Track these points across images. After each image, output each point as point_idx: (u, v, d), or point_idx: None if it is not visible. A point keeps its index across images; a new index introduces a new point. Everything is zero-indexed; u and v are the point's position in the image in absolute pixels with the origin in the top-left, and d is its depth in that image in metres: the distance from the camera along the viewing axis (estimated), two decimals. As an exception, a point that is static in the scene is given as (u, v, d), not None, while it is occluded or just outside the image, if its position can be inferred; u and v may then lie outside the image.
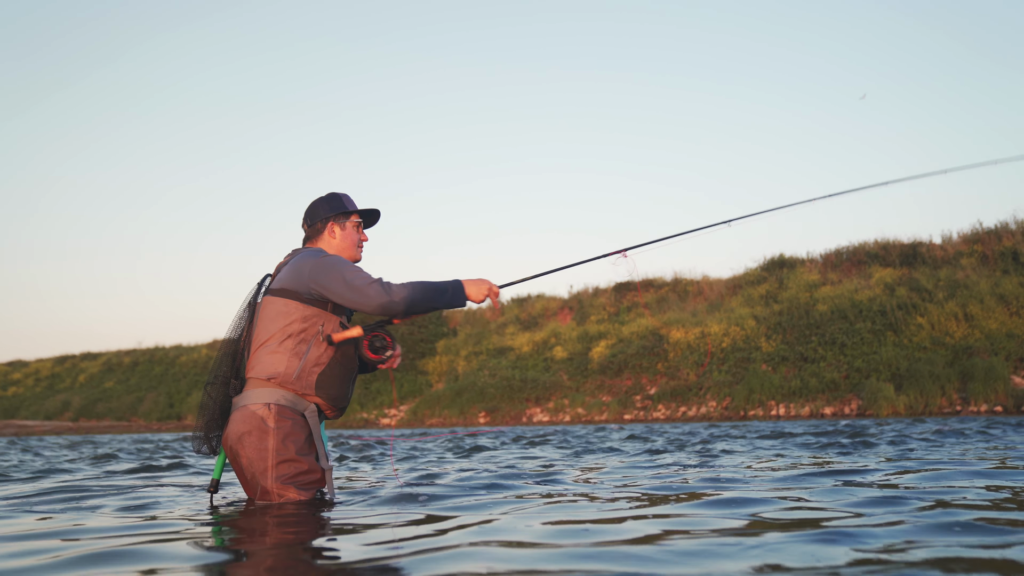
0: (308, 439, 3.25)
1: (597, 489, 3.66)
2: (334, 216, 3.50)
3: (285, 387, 3.23)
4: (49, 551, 2.36)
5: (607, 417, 23.41)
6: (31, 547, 2.45)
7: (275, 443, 3.17)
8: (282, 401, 3.21)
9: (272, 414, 3.19)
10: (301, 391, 3.24)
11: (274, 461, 3.16)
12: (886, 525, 2.40)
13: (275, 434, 3.17)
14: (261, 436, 3.17)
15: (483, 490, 3.73)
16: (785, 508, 2.85)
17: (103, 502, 3.71)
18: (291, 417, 3.21)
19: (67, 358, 42.21)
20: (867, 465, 4.58)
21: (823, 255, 27.82)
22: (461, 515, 2.89)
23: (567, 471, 4.77)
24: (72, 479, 5.21)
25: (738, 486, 3.58)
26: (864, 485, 3.49)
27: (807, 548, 2.07)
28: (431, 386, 28.67)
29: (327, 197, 3.55)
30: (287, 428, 3.18)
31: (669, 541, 2.24)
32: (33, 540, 2.60)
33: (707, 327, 25.07)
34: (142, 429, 28.55)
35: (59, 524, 2.97)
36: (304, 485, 3.20)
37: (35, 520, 3.13)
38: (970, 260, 24.05)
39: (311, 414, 3.27)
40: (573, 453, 6.84)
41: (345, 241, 3.51)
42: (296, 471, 3.18)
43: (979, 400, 18.85)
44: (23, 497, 4.01)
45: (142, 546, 2.39)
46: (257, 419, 3.19)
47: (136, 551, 2.31)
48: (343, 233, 3.50)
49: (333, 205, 3.51)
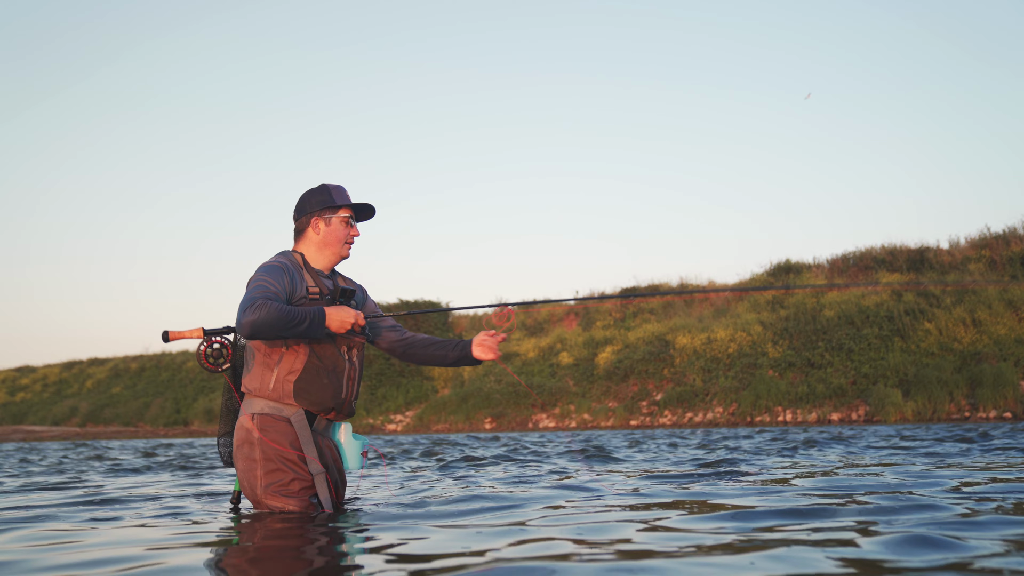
0: (295, 445, 3.19)
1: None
2: (319, 211, 3.38)
3: (265, 397, 3.21)
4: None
5: (613, 423, 23.36)
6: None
7: (260, 454, 3.16)
8: (265, 410, 3.20)
9: (255, 425, 3.18)
10: (281, 400, 3.21)
11: (261, 471, 3.16)
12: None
13: (260, 445, 3.16)
14: (249, 448, 3.18)
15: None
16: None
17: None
18: (274, 425, 3.18)
19: (75, 364, 42.30)
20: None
21: (830, 260, 27.73)
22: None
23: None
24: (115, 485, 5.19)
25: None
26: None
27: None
28: (436, 392, 28.64)
29: (316, 189, 3.43)
30: (271, 437, 3.16)
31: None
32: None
33: (713, 333, 25.01)
34: (149, 435, 28.60)
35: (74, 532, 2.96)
36: (292, 494, 3.16)
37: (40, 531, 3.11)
38: (978, 265, 23.94)
39: (298, 418, 3.21)
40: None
41: (329, 237, 3.37)
42: (281, 480, 3.15)
43: (988, 406, 18.74)
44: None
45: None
46: (244, 431, 3.21)
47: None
48: (327, 229, 3.37)
49: (320, 199, 3.39)
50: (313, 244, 3.39)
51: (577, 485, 4.21)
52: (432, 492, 4.14)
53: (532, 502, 3.48)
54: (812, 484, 3.92)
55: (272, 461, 3.15)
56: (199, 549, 2.52)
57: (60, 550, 2.56)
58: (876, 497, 3.24)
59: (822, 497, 3.33)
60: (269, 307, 3.02)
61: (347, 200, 3.40)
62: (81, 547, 2.62)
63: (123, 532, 2.97)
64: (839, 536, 2.37)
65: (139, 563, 2.27)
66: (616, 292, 30.73)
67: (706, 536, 2.45)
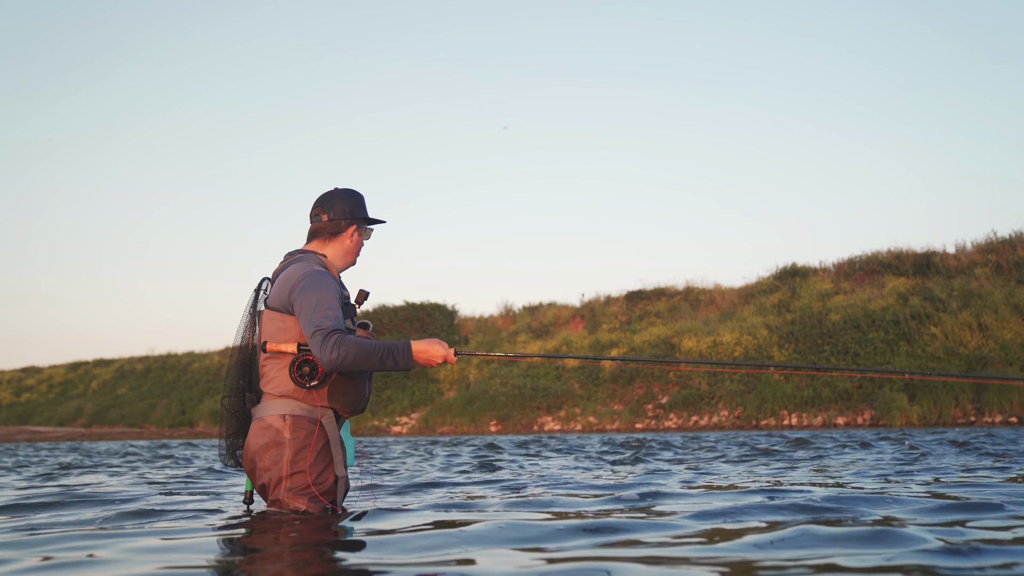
0: (325, 448, 3.22)
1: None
2: (357, 219, 3.41)
3: (298, 399, 3.22)
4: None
5: (618, 426, 23.37)
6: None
7: (290, 455, 3.16)
8: (297, 411, 3.20)
9: (287, 425, 3.18)
10: (314, 402, 3.22)
11: (288, 472, 3.16)
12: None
13: (291, 445, 3.16)
14: (278, 448, 3.18)
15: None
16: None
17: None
18: (307, 427, 3.19)
19: (80, 364, 42.40)
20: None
21: (836, 264, 27.72)
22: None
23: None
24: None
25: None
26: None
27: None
28: (442, 394, 28.66)
29: (353, 195, 3.44)
30: (302, 439, 3.17)
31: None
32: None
33: (719, 336, 25.02)
34: (154, 436, 28.65)
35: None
36: (315, 497, 3.18)
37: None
38: (984, 270, 23.91)
39: (328, 421, 3.24)
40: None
41: (356, 247, 3.43)
42: (307, 483, 3.17)
43: (993, 411, 18.72)
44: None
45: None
46: (273, 431, 3.19)
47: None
48: (358, 240, 3.43)
49: (361, 207, 3.43)
50: (341, 250, 3.39)
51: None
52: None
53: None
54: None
55: (302, 464, 3.17)
56: (209, 548, 2.54)
57: (67, 551, 2.59)
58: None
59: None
60: (348, 344, 3.03)
61: (369, 213, 3.48)
62: (90, 547, 2.64)
63: (127, 531, 3.00)
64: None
65: (147, 563, 2.29)
66: (623, 294, 30.70)
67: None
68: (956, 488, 3.93)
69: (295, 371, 3.17)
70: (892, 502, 3.29)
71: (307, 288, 3.14)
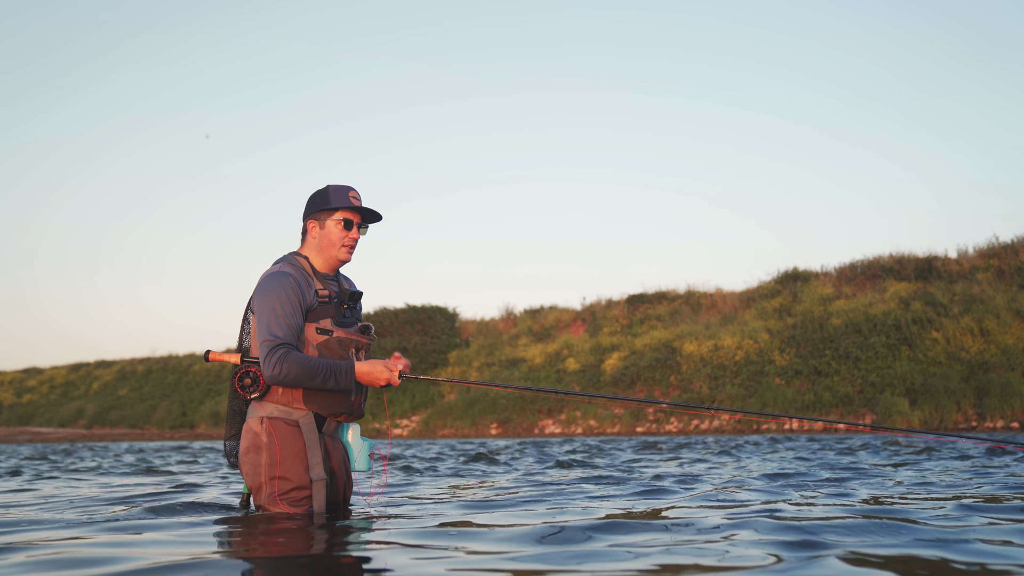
0: (302, 451, 3.17)
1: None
2: (314, 213, 3.31)
3: (276, 401, 3.19)
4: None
5: (619, 429, 23.35)
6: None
7: (267, 459, 3.15)
8: (275, 413, 3.18)
9: (264, 429, 3.17)
10: (291, 403, 3.19)
11: (266, 477, 3.15)
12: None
13: (268, 450, 3.15)
14: (256, 453, 3.17)
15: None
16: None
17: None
18: (284, 429, 3.16)
19: (81, 366, 42.40)
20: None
21: (837, 268, 27.68)
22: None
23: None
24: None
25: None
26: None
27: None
28: (443, 397, 28.64)
29: (319, 190, 3.35)
30: (280, 441, 3.14)
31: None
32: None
33: (720, 340, 24.99)
34: (155, 437, 28.65)
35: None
36: (295, 501, 3.15)
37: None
38: (986, 275, 23.88)
39: (306, 422, 3.19)
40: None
41: (324, 240, 3.28)
42: (285, 488, 3.14)
43: (995, 416, 18.69)
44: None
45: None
46: (252, 434, 3.19)
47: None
48: (321, 232, 3.29)
49: (316, 201, 3.31)
50: (312, 246, 3.32)
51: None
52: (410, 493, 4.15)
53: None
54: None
55: (278, 469, 3.14)
56: (205, 551, 2.54)
57: (61, 553, 2.58)
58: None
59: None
60: (291, 361, 3.04)
61: (346, 202, 3.28)
62: (84, 545, 2.64)
63: (125, 533, 2.99)
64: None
65: (145, 564, 2.29)
66: (624, 297, 30.69)
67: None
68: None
69: (236, 382, 3.18)
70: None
71: (259, 295, 3.17)
